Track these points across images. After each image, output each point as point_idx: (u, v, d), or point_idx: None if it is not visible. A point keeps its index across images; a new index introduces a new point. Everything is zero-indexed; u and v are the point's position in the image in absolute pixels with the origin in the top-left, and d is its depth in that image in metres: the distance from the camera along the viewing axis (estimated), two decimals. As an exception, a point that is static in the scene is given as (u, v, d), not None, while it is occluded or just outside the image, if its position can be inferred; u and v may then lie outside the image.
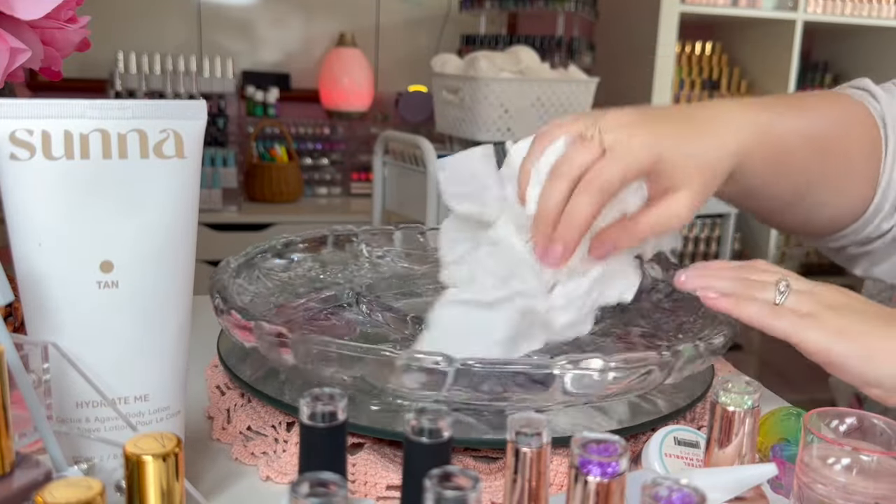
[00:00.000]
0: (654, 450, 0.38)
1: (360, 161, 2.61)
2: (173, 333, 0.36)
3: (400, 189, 1.80)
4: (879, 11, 2.62)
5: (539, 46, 2.08)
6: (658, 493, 0.24)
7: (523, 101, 1.66)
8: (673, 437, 0.39)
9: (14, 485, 0.26)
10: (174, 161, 0.36)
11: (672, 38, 2.44)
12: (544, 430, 0.27)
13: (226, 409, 0.47)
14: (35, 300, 0.34)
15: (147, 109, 0.35)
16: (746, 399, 0.33)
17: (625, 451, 0.26)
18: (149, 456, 0.25)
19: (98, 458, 0.35)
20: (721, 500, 0.32)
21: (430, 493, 0.23)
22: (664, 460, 0.38)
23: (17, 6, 0.45)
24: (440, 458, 0.27)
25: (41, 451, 0.31)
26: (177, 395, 0.37)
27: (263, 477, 0.41)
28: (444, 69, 1.73)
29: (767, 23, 2.59)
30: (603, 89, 1.80)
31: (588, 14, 2.18)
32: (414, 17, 2.72)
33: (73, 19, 0.51)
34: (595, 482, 0.25)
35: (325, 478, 0.23)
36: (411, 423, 0.28)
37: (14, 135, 0.33)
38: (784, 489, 0.39)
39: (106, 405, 0.35)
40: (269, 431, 0.45)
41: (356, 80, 2.56)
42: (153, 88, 2.18)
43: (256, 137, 2.44)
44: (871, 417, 0.34)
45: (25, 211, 0.33)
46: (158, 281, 0.35)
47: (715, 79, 2.81)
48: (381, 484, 0.40)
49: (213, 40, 2.55)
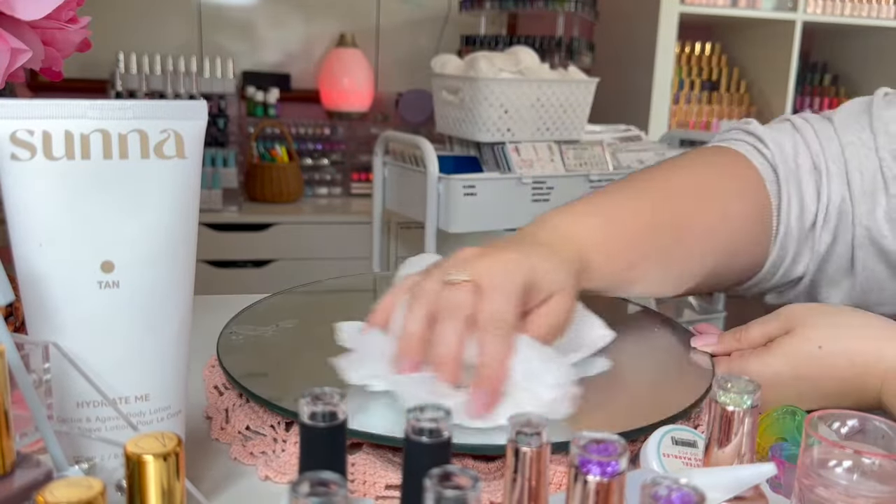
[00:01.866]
0: (653, 450, 0.38)
1: (361, 161, 2.62)
2: (174, 333, 0.36)
3: (400, 189, 1.80)
4: (879, 11, 2.62)
5: (539, 47, 2.08)
6: (657, 493, 0.24)
7: (523, 102, 1.66)
8: (671, 437, 0.39)
9: (15, 484, 0.26)
10: (175, 161, 0.36)
11: (672, 39, 2.45)
12: (544, 430, 0.27)
13: (224, 408, 0.48)
14: (36, 300, 0.34)
15: (148, 110, 0.35)
16: (746, 398, 0.33)
17: (624, 450, 0.26)
18: (150, 455, 0.25)
19: (99, 458, 0.35)
20: (720, 499, 0.32)
21: (430, 493, 0.23)
22: (662, 460, 0.38)
23: (17, 6, 0.45)
24: (440, 457, 0.27)
25: (42, 451, 0.31)
26: (177, 395, 0.38)
27: (262, 477, 0.41)
28: (444, 70, 1.73)
29: (767, 23, 2.59)
30: (603, 89, 1.80)
31: (588, 14, 2.18)
32: (414, 18, 2.72)
33: (73, 20, 0.51)
34: (595, 481, 0.25)
35: (326, 477, 0.23)
36: (411, 423, 0.28)
37: (15, 135, 0.33)
38: (783, 489, 0.39)
39: (107, 405, 0.35)
40: (267, 431, 0.45)
41: (356, 81, 2.57)
42: (154, 89, 2.18)
43: (257, 138, 2.44)
44: (872, 419, 0.34)
45: (26, 211, 0.33)
46: (159, 281, 0.35)
47: (714, 79, 2.81)
48: (379, 483, 0.40)
49: (213, 41, 2.55)
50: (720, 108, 2.76)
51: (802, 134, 0.61)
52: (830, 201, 0.59)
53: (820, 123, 0.62)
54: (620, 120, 2.05)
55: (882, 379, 0.45)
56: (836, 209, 0.59)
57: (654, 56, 2.42)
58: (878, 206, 0.58)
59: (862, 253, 0.59)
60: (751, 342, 0.50)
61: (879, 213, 0.58)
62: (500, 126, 1.66)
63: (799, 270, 0.61)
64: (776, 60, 2.61)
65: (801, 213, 0.59)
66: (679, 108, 2.72)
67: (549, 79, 1.69)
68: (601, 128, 1.91)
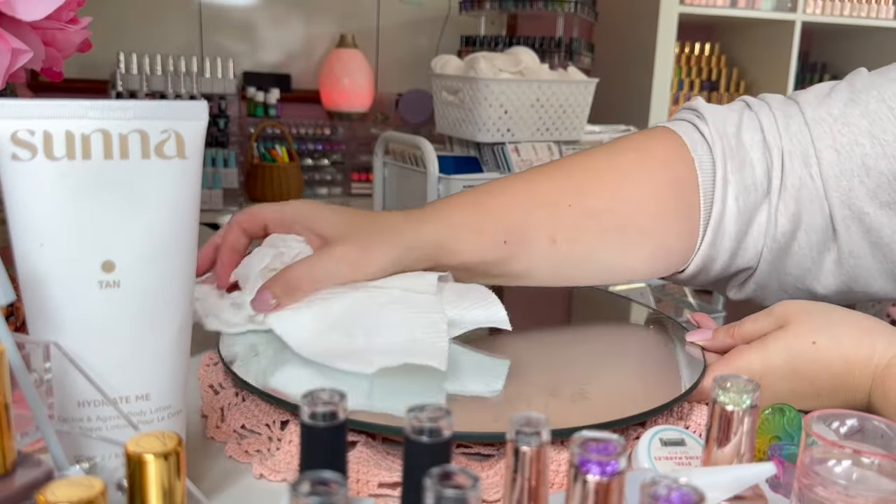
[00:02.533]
0: (644, 455, 0.39)
1: (361, 161, 2.62)
2: (174, 333, 0.37)
3: (400, 189, 1.80)
4: (878, 12, 2.62)
5: (538, 47, 2.08)
6: (657, 492, 0.24)
7: (523, 102, 1.66)
8: (659, 439, 0.39)
9: (16, 484, 0.26)
10: (175, 161, 0.36)
11: (671, 39, 2.45)
12: (544, 429, 0.28)
13: (220, 407, 0.48)
14: (36, 300, 0.34)
15: (148, 110, 0.35)
16: (745, 398, 0.33)
17: (624, 449, 0.26)
18: (150, 455, 0.25)
19: (99, 458, 0.35)
20: (719, 498, 0.32)
21: (430, 493, 0.23)
22: (654, 464, 0.38)
23: (18, 7, 0.45)
24: (440, 457, 0.27)
25: (43, 451, 0.31)
26: (178, 395, 0.38)
27: (257, 475, 0.41)
28: (444, 70, 1.73)
29: (766, 23, 2.59)
30: (602, 90, 1.80)
31: (587, 15, 2.18)
32: (414, 18, 2.72)
33: (74, 20, 0.51)
34: (594, 481, 0.25)
35: (326, 477, 0.23)
36: (411, 422, 0.28)
37: (16, 135, 0.33)
38: (783, 488, 0.39)
39: (107, 404, 0.35)
40: (263, 430, 0.45)
41: (356, 81, 2.57)
42: (154, 89, 2.19)
43: (257, 138, 2.44)
44: (871, 419, 0.34)
45: (27, 211, 0.33)
46: (160, 281, 0.36)
47: (714, 79, 2.81)
48: (372, 482, 0.40)
49: (214, 41, 2.55)
50: (720, 109, 2.76)
51: (755, 110, 0.58)
52: (785, 182, 0.55)
53: (780, 102, 0.58)
54: (620, 120, 2.05)
55: (871, 377, 0.45)
56: (794, 190, 0.55)
57: (654, 56, 2.43)
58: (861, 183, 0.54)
59: (848, 236, 0.55)
60: (744, 337, 0.50)
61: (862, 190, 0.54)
62: (500, 126, 1.66)
63: (748, 259, 0.58)
64: (775, 61, 2.61)
65: (744, 194, 0.56)
66: (678, 108, 2.71)
67: (548, 79, 1.69)
68: (601, 128, 1.91)
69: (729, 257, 0.58)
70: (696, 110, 0.60)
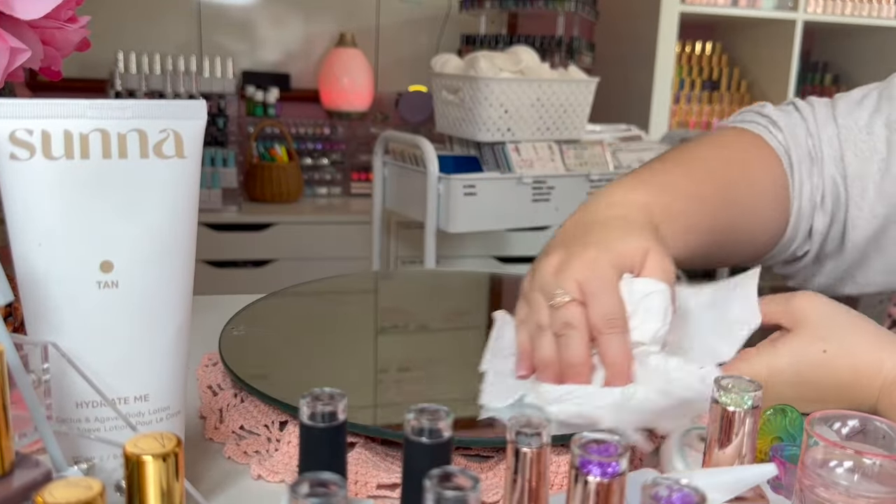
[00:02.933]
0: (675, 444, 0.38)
1: (360, 161, 2.61)
2: (173, 333, 0.36)
3: (400, 189, 1.80)
4: (879, 11, 2.62)
5: (539, 46, 2.08)
6: (658, 493, 0.24)
7: (523, 101, 1.66)
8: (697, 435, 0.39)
9: (14, 485, 0.26)
10: (174, 161, 0.36)
11: (672, 38, 2.44)
12: (544, 430, 0.27)
13: (218, 408, 0.48)
14: (35, 300, 0.34)
15: (147, 109, 0.35)
16: (746, 399, 0.33)
17: (625, 451, 0.26)
18: (149, 456, 0.25)
19: (98, 458, 0.35)
20: (721, 499, 0.32)
21: (430, 494, 0.23)
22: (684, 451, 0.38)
23: (16, 6, 0.45)
24: (440, 458, 0.27)
25: (41, 452, 0.31)
26: (177, 395, 0.37)
27: (255, 476, 0.41)
28: (444, 69, 1.73)
29: (767, 23, 2.59)
30: (603, 89, 1.80)
31: (588, 14, 2.18)
32: (414, 17, 2.72)
33: (72, 19, 0.51)
34: (595, 482, 0.25)
35: (325, 478, 0.23)
36: (411, 423, 0.28)
37: (14, 135, 0.33)
38: (784, 489, 0.39)
39: (106, 405, 0.35)
40: (261, 431, 0.45)
41: (356, 80, 2.56)
42: (153, 88, 2.18)
43: (256, 137, 2.44)
44: (873, 420, 0.34)
45: (25, 211, 0.33)
46: (158, 281, 0.35)
47: (715, 79, 2.81)
48: (371, 483, 0.40)
49: (213, 40, 2.55)
50: (721, 108, 2.76)
51: (805, 119, 0.64)
52: (825, 185, 0.62)
53: (822, 108, 0.64)
54: (621, 119, 2.05)
55: (879, 389, 0.45)
56: (830, 192, 0.62)
57: (655, 55, 2.42)
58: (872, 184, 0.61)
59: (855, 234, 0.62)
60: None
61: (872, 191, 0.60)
62: (500, 126, 1.66)
63: (805, 247, 0.65)
64: (777, 60, 2.61)
65: (810, 194, 0.62)
66: (679, 107, 2.72)
67: (549, 78, 1.69)
68: (601, 127, 1.91)
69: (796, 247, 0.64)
70: (767, 116, 0.65)
